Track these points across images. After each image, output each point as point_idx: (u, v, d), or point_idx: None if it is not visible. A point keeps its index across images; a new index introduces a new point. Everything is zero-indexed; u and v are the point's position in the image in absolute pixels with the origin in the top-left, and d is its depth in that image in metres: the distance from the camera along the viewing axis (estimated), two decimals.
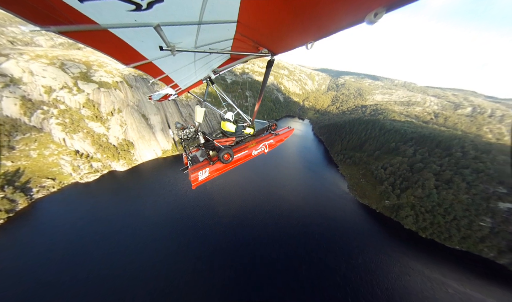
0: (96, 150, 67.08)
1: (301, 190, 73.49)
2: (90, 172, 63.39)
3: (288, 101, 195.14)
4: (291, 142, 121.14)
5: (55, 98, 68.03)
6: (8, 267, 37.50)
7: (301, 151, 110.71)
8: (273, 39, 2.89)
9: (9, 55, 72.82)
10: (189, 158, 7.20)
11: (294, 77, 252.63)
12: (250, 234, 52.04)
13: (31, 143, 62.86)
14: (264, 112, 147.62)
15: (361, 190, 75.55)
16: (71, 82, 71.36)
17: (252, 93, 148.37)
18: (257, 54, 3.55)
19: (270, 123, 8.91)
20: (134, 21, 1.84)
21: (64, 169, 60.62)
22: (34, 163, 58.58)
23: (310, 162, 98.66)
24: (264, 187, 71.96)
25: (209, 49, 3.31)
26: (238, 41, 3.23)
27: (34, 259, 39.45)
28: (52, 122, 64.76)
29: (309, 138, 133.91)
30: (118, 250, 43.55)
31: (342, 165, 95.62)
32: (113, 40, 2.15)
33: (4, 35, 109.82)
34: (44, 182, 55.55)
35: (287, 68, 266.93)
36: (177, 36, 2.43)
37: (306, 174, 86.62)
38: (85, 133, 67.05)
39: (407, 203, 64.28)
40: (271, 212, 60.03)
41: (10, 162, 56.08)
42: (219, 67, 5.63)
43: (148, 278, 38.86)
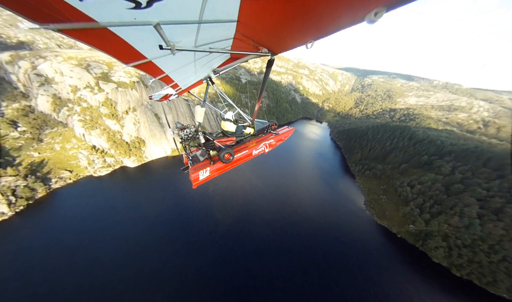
0: (110, 146, 70.97)
1: (309, 202, 67.15)
2: (103, 166, 67.21)
3: (306, 102, 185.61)
4: (304, 147, 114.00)
5: (79, 97, 73.90)
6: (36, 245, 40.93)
7: (314, 157, 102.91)
8: (273, 39, 2.92)
9: (47, 57, 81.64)
10: (190, 157, 7.20)
11: (314, 76, 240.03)
12: (246, 245, 48.69)
13: (56, 136, 69.27)
14: (279, 114, 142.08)
15: (380, 208, 65.94)
16: (93, 82, 76.79)
17: (267, 94, 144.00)
18: (257, 54, 3.56)
19: (270, 123, 8.75)
20: (134, 20, 1.83)
21: (81, 162, 65.26)
22: (57, 156, 64.20)
23: (324, 171, 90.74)
24: (269, 195, 67.68)
25: (209, 49, 3.23)
26: (238, 40, 3.22)
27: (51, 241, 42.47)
28: (75, 119, 70.37)
29: (325, 144, 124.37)
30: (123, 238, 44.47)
31: (360, 176, 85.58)
32: (112, 39, 2.13)
33: (54, 39, 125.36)
34: (62, 174, 60.32)
35: (307, 67, 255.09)
36: (177, 35, 2.41)
37: (318, 183, 79.55)
38: (102, 130, 71.38)
39: (438, 232, 53.44)
40: (272, 224, 55.70)
41: (37, 153, 62.30)
42: (219, 66, 5.51)
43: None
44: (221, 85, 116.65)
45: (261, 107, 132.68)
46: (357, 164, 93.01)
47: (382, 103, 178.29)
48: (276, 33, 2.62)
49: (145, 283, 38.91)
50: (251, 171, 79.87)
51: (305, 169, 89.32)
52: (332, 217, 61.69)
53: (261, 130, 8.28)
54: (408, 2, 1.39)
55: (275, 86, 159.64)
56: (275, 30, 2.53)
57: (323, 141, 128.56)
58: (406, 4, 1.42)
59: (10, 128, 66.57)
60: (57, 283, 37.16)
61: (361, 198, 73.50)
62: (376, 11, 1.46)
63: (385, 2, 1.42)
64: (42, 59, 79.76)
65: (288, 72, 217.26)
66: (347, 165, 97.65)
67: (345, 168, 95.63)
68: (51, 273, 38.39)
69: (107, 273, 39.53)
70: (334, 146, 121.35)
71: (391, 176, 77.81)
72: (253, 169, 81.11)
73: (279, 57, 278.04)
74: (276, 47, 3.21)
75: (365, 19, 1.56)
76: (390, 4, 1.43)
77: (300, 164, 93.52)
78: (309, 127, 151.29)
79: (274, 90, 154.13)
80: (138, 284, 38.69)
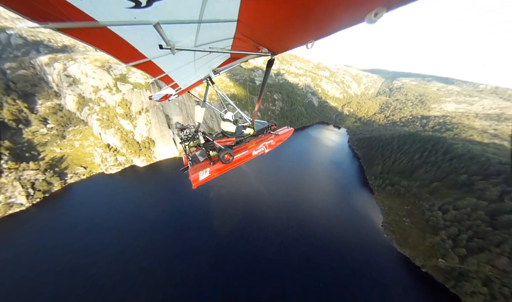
0: (122, 145, 74.06)
1: (318, 216, 60.92)
2: (114, 164, 70.26)
3: (323, 105, 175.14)
4: (318, 154, 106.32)
5: (99, 97, 78.83)
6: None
7: (329, 166, 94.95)
8: (273, 39, 2.94)
9: (77, 59, 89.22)
10: (190, 158, 7.10)
11: (335, 79, 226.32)
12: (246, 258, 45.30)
13: (77, 134, 74.68)
14: (292, 117, 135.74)
15: (402, 233, 56.69)
16: (112, 83, 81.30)
17: (281, 96, 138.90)
18: (257, 54, 3.59)
19: (270, 123, 8.68)
20: (134, 19, 1.84)
21: (95, 159, 69.11)
22: (75, 152, 68.94)
23: (338, 181, 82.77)
24: (272, 205, 63.30)
25: (209, 48, 3.22)
26: (238, 40, 3.24)
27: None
28: (94, 117, 75.04)
29: (342, 151, 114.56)
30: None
31: (380, 192, 75.77)
32: (112, 38, 2.13)
33: None
34: (78, 170, 64.33)
35: (328, 69, 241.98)
36: (177, 34, 2.42)
37: (329, 195, 72.45)
38: (116, 129, 74.90)
39: (478, 274, 43.18)
40: (270, 239, 51.34)
41: (59, 149, 67.64)
42: (219, 66, 5.45)
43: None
44: (234, 87, 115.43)
45: (274, 110, 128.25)
46: (377, 178, 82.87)
47: (412, 109, 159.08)
48: (276, 33, 2.62)
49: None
50: (259, 177, 76.29)
51: (317, 178, 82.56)
52: (343, 236, 54.75)
53: (260, 130, 8.26)
54: (408, 2, 1.39)
55: (290, 89, 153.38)
56: (275, 30, 2.53)
57: (340, 148, 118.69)
58: (406, 4, 1.41)
59: (41, 125, 73.67)
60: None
61: (379, 218, 64.52)
62: (376, 11, 1.46)
63: (385, 2, 1.42)
64: (73, 61, 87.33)
65: (307, 74, 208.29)
66: (365, 178, 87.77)
67: (362, 181, 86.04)
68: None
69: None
70: (352, 155, 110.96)
71: (418, 196, 66.95)
72: (262, 175, 77.42)
73: (298, 58, 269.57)
74: (276, 47, 3.23)
75: (365, 19, 1.58)
76: (390, 4, 1.44)
77: (312, 172, 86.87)
78: (325, 133, 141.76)
79: (290, 92, 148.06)
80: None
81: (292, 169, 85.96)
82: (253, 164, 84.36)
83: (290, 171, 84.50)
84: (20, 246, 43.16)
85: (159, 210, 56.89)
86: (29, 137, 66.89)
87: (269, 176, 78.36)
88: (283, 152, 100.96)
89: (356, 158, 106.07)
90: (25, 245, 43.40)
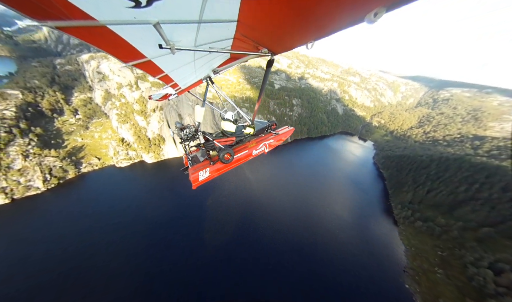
0: (135, 140, 77.07)
1: (326, 243, 52.55)
2: (125, 158, 73.32)
3: (349, 114, 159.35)
4: (336, 168, 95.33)
5: (121, 93, 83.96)
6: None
7: (346, 184, 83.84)
8: (273, 39, 2.98)
9: (109, 57, 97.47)
10: (190, 158, 7.09)
11: (366, 85, 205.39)
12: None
13: (98, 126, 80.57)
14: (311, 125, 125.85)
15: (431, 288, 44.46)
16: (133, 81, 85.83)
17: (301, 101, 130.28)
18: (257, 54, 3.62)
19: (270, 123, 8.73)
20: (133, 18, 1.84)
21: (109, 152, 73.16)
22: (93, 143, 74.12)
23: (355, 204, 71.83)
24: (275, 226, 57.20)
25: (209, 48, 3.24)
26: (238, 40, 3.25)
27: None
28: (114, 112, 79.97)
29: (364, 168, 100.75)
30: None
31: (406, 226, 62.63)
32: (111, 37, 2.13)
33: None
34: (92, 160, 68.70)
35: (359, 74, 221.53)
36: (177, 34, 2.43)
37: (342, 220, 62.78)
38: (131, 125, 78.40)
39: None
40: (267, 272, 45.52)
41: (81, 139, 73.56)
42: (219, 66, 5.51)
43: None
44: (250, 90, 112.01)
45: (291, 116, 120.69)
46: (404, 207, 69.17)
47: (462, 126, 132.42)
48: (277, 33, 2.64)
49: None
50: (264, 191, 70.89)
51: (331, 198, 73.02)
52: (350, 278, 45.67)
53: (261, 130, 8.24)
54: (408, 2, 1.40)
55: (312, 94, 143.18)
56: (276, 30, 2.54)
57: (363, 164, 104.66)
58: (406, 5, 1.43)
59: (71, 115, 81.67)
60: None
61: (401, 259, 52.59)
62: (376, 12, 1.48)
63: (385, 3, 1.42)
64: (105, 59, 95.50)
65: (334, 79, 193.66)
66: (389, 205, 74.36)
67: (385, 208, 73.04)
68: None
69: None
70: (376, 174, 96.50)
71: (459, 241, 52.64)
72: (268, 189, 71.81)
73: (327, 62, 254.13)
74: (276, 47, 3.27)
75: (365, 19, 1.60)
76: (390, 4, 1.45)
77: (327, 190, 77.36)
78: (348, 145, 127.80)
79: (311, 98, 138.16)
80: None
81: (304, 185, 77.71)
82: (259, 176, 79.33)
83: (301, 186, 76.44)
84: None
85: (162, 210, 56.29)
86: (59, 126, 74.44)
87: (276, 190, 71.93)
88: (296, 163, 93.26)
89: (381, 179, 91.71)
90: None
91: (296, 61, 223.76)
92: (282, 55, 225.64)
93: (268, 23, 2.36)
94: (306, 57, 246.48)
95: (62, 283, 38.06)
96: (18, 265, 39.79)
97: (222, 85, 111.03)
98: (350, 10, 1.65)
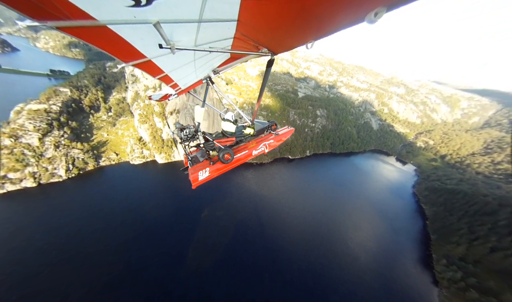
0: (150, 140, 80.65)
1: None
2: (139, 156, 77.05)
3: (386, 130, 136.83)
4: (361, 194, 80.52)
5: (146, 95, 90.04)
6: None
7: (373, 215, 69.18)
8: (274, 39, 2.97)
9: None
10: (189, 158, 6.81)
11: (413, 98, 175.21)
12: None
13: (124, 124, 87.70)
14: (336, 139, 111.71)
15: None
16: (158, 83, 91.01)
17: (327, 112, 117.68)
18: (257, 54, 3.63)
19: (270, 123, 8.68)
20: (133, 18, 1.84)
21: (127, 149, 78.15)
22: (116, 139, 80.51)
23: (381, 244, 57.78)
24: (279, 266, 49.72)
25: (209, 48, 3.25)
26: (238, 40, 3.25)
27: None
28: (137, 112, 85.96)
29: (399, 198, 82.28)
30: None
31: (452, 294, 45.83)
32: (112, 37, 2.13)
33: None
34: (111, 155, 74.19)
35: (405, 84, 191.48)
36: (177, 34, 2.43)
37: (363, 265, 50.54)
38: (149, 125, 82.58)
39: None
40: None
41: (106, 134, 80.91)
42: (219, 66, 5.47)
43: None
44: (270, 98, 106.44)
45: (314, 128, 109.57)
46: (451, 265, 51.54)
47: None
48: (277, 33, 2.64)
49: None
50: (273, 215, 63.90)
51: (351, 234, 60.53)
52: None
53: (261, 130, 8.28)
54: (408, 2, 1.40)
55: (341, 105, 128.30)
56: (276, 30, 2.54)
57: (398, 194, 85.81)
58: (406, 4, 1.43)
59: (105, 112, 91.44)
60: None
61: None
62: (376, 11, 1.48)
63: (385, 2, 1.43)
64: None
65: (371, 89, 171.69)
66: (429, 255, 57.06)
67: (422, 259, 56.22)
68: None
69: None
70: (415, 208, 77.30)
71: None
72: (277, 212, 64.53)
73: (365, 70, 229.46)
74: (276, 47, 3.28)
75: (365, 19, 1.60)
76: (390, 4, 1.45)
77: (346, 222, 64.64)
78: (381, 167, 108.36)
79: (339, 109, 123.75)
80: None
81: (319, 212, 66.45)
82: (265, 191, 72.47)
83: (316, 214, 65.36)
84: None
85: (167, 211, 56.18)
86: (92, 121, 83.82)
87: (286, 217, 63.18)
88: (312, 182, 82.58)
89: (421, 217, 72.69)
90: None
91: (328, 68, 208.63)
92: (314, 62, 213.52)
93: (268, 23, 2.37)
94: (340, 64, 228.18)
95: None
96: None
97: (242, 91, 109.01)
98: (350, 10, 1.64)
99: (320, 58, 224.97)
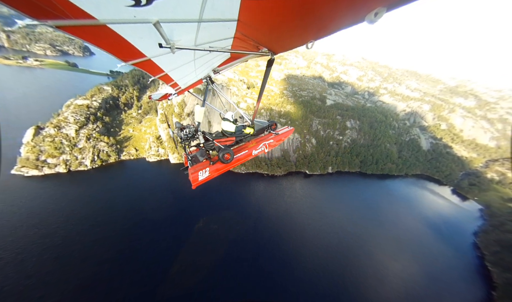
0: (166, 139, 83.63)
1: None
2: (155, 154, 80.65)
3: (440, 152, 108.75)
4: (394, 235, 63.99)
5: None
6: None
7: (409, 273, 53.28)
8: (274, 39, 2.99)
9: None
10: (189, 158, 6.88)
11: (487, 113, 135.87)
12: None
13: (149, 121, 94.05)
14: (368, 157, 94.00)
15: None
16: None
17: (360, 124, 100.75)
18: (257, 53, 3.62)
19: (270, 123, 8.68)
20: (133, 17, 1.86)
21: (146, 145, 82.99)
22: (139, 135, 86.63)
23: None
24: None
25: (209, 48, 3.22)
26: (238, 40, 3.25)
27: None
28: (159, 112, 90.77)
29: (451, 249, 61.72)
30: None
31: None
32: (111, 36, 2.15)
33: None
34: (131, 150, 79.83)
35: (476, 95, 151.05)
36: (177, 33, 2.44)
37: None
38: (167, 126, 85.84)
39: None
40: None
41: (132, 130, 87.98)
42: (219, 66, 5.53)
43: None
44: (291, 104, 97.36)
45: (340, 141, 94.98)
46: None
47: None
48: (277, 32, 2.65)
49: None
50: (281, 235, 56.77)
51: (371, 292, 47.86)
52: None
53: (260, 130, 8.27)
54: (409, 2, 1.41)
55: (380, 117, 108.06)
56: (276, 30, 2.56)
57: (451, 242, 64.51)
58: (406, 4, 1.44)
59: (136, 109, 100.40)
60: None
61: None
62: (376, 11, 1.49)
63: (385, 3, 1.44)
64: None
65: (425, 99, 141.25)
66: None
67: None
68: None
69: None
70: (475, 269, 56.24)
71: None
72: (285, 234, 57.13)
73: (420, 75, 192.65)
74: (277, 46, 3.27)
75: (366, 19, 1.60)
76: (390, 4, 1.46)
77: (370, 280, 51.31)
78: (429, 199, 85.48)
79: (377, 121, 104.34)
80: None
81: (333, 260, 53.60)
82: (273, 212, 65.00)
83: (327, 263, 51.89)
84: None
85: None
86: (123, 117, 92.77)
87: (290, 241, 55.39)
88: (328, 208, 70.44)
89: (485, 282, 52.16)
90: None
91: (370, 72, 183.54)
92: (353, 65, 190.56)
93: (268, 23, 2.38)
94: (387, 68, 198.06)
95: None
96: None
97: (263, 96, 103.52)
98: (350, 10, 1.65)
99: (361, 61, 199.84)
